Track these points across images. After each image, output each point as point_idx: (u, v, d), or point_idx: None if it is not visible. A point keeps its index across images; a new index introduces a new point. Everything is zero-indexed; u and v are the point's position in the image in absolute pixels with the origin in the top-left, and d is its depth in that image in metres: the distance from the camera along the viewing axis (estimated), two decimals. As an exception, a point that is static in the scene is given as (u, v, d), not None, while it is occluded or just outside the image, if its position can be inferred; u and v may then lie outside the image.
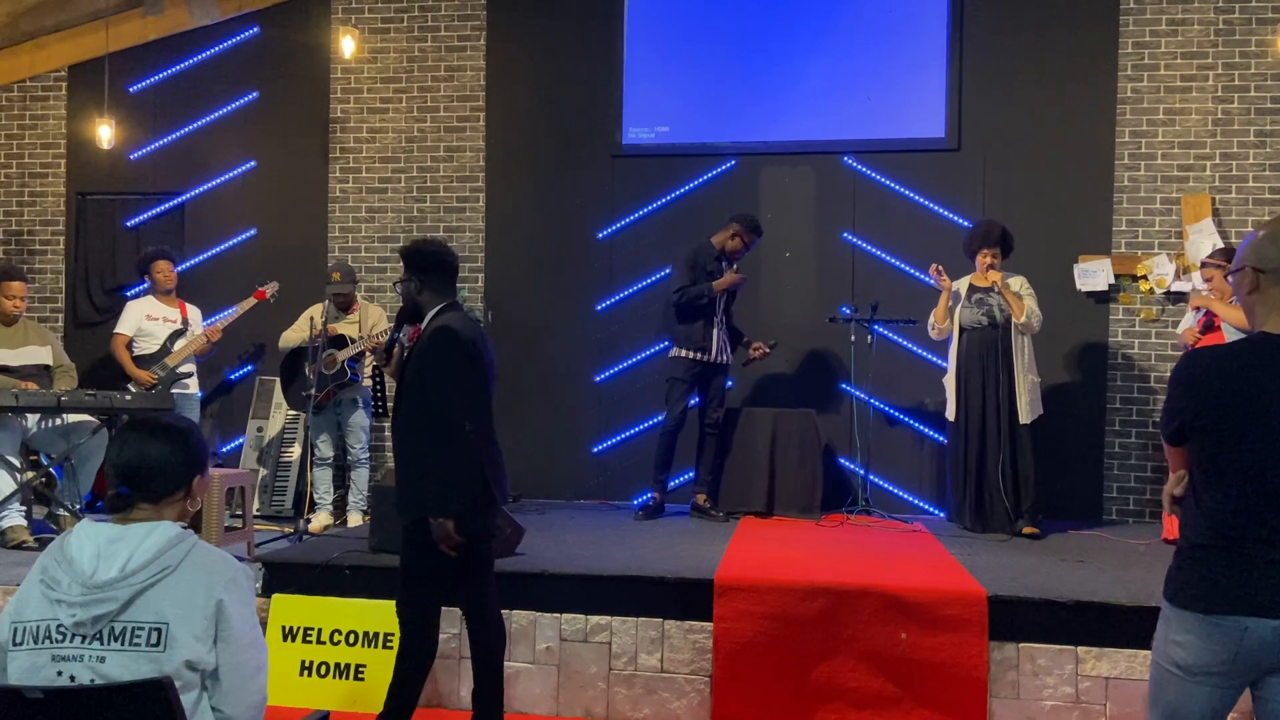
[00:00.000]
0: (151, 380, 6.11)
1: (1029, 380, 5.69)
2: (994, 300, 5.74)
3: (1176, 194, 6.58)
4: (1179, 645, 2.28)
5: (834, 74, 6.99)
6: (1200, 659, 2.24)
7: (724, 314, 6.21)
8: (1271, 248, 2.33)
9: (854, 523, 5.92)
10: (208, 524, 5.04)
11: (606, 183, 7.18)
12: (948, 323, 5.88)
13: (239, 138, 7.57)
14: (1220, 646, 2.21)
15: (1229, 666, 2.22)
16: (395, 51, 7.44)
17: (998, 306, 5.73)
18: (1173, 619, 2.32)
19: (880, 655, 4.00)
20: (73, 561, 2.03)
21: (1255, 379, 2.24)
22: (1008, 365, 5.69)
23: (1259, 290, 2.34)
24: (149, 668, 1.97)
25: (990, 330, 5.73)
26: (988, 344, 5.74)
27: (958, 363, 5.85)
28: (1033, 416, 5.68)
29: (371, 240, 7.42)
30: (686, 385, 6.15)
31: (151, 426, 2.22)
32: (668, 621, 4.17)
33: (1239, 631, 2.19)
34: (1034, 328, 5.70)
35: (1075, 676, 3.91)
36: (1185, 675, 2.27)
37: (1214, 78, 6.58)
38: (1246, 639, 2.18)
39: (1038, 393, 5.77)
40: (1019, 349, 5.69)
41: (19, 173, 7.85)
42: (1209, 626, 2.22)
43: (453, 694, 4.25)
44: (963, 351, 5.83)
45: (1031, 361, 5.75)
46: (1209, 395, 2.28)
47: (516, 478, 7.06)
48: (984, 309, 5.76)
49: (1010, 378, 5.68)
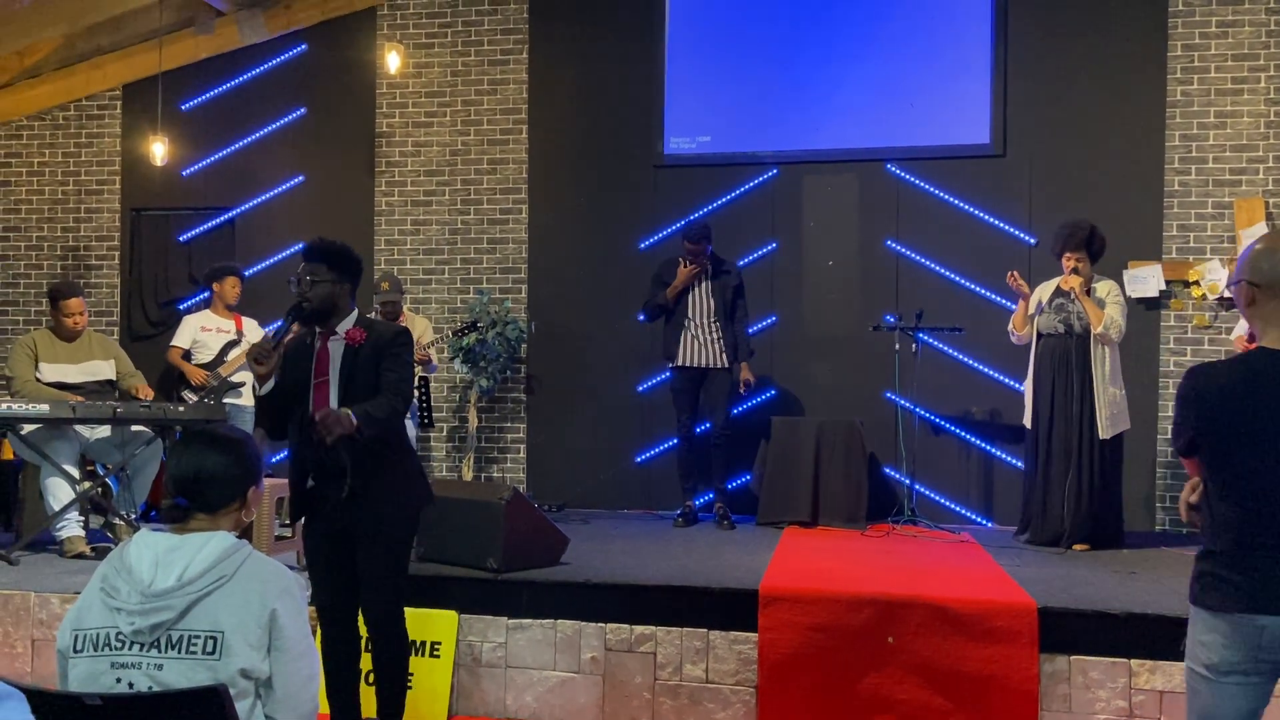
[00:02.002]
0: (204, 377, 6.23)
1: (1110, 393, 5.40)
2: (1074, 307, 5.45)
3: (1229, 198, 6.46)
4: (1204, 645, 2.38)
5: (876, 81, 6.96)
6: (1225, 657, 2.34)
7: (709, 320, 6.13)
8: (1267, 261, 2.37)
9: (900, 533, 5.87)
10: (258, 533, 5.11)
11: (648, 193, 7.20)
12: (1026, 329, 5.66)
13: (287, 153, 7.70)
14: (1241, 644, 2.32)
15: (1252, 664, 2.32)
16: (439, 66, 7.53)
17: (1076, 314, 5.45)
18: (1197, 620, 2.42)
19: (929, 667, 3.95)
20: (132, 570, 2.08)
21: (1254, 394, 2.32)
22: (1086, 376, 5.41)
23: (1255, 304, 2.40)
24: (205, 675, 2.01)
25: (1067, 338, 5.47)
26: (1064, 353, 5.47)
27: (1035, 370, 5.62)
28: (1114, 431, 5.39)
29: (416, 252, 7.50)
30: (676, 394, 6.23)
31: (209, 438, 2.26)
32: (713, 632, 4.16)
33: (1256, 630, 2.30)
34: (1112, 338, 5.40)
35: (1129, 690, 3.84)
36: (1214, 675, 2.36)
37: (1265, 79, 6.46)
38: (1265, 637, 2.29)
39: (1122, 406, 5.48)
40: (1098, 359, 5.40)
41: (75, 190, 8.05)
42: (1228, 625, 2.33)
43: (499, 702, 4.27)
44: (1040, 359, 5.59)
45: (1114, 373, 5.45)
46: (1210, 410, 2.37)
47: (560, 487, 7.14)
48: (1062, 315, 5.49)
49: (1089, 389, 5.40)
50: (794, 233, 7.02)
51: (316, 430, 3.25)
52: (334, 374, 3.44)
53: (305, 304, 3.44)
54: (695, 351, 6.14)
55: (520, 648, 4.27)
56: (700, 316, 6.14)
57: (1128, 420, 5.55)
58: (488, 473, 7.36)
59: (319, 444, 3.28)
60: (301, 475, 3.47)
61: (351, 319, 3.52)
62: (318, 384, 3.44)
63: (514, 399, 7.37)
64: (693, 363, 6.15)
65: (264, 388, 3.40)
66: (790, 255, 7.02)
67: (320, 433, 3.25)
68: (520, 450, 7.36)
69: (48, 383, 5.54)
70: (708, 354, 6.14)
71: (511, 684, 4.27)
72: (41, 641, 4.47)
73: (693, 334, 6.14)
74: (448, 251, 7.49)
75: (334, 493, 3.38)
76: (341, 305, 3.50)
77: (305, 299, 3.44)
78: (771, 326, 6.96)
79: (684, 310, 6.15)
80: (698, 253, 6.08)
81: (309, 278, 3.46)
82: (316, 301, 3.45)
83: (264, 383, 3.39)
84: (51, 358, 5.61)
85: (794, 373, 6.97)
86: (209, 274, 6.64)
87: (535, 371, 7.35)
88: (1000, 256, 6.62)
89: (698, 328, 6.14)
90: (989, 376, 6.67)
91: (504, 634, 4.28)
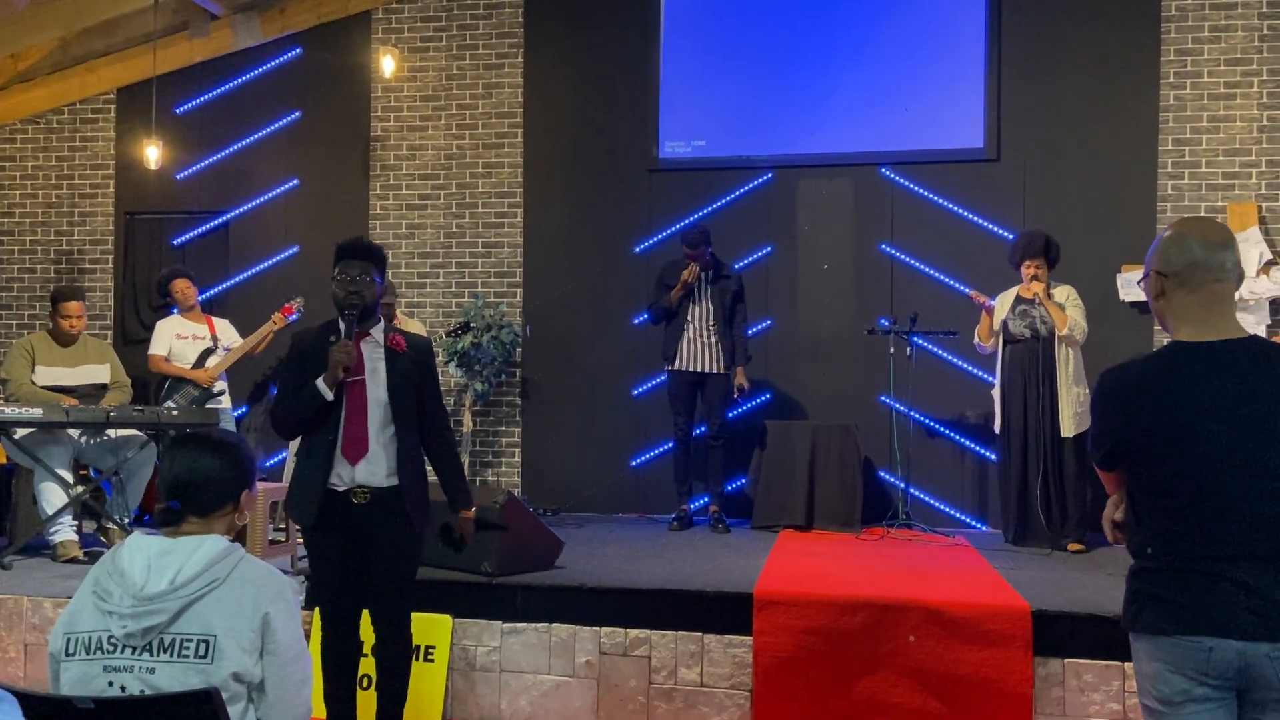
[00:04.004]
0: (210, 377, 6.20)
1: (1074, 393, 5.59)
2: (1037, 312, 5.66)
3: (1222, 202, 6.48)
4: (1150, 677, 2.12)
5: (871, 85, 6.98)
6: (1176, 686, 2.07)
7: (709, 324, 6.15)
8: (1174, 249, 2.22)
9: (895, 536, 5.88)
10: (251, 537, 5.10)
11: (643, 197, 7.21)
12: (992, 340, 5.83)
13: (282, 157, 7.70)
14: (1189, 668, 2.06)
15: (1206, 690, 2.05)
16: (434, 70, 7.53)
17: (1040, 319, 5.65)
18: (1138, 649, 2.17)
19: (923, 671, 3.96)
20: (124, 574, 2.07)
21: (1176, 392, 2.11)
22: (1051, 378, 5.61)
23: (1165, 296, 2.22)
24: (197, 679, 2.00)
25: (1034, 343, 5.66)
26: (1031, 356, 5.65)
27: (1003, 375, 5.79)
28: (1077, 430, 5.56)
29: (411, 256, 7.50)
30: (673, 397, 6.24)
31: (202, 441, 2.25)
32: (707, 635, 4.15)
33: (1203, 652, 2.04)
34: (1077, 340, 5.61)
35: (1122, 693, 3.84)
36: (1169, 709, 2.09)
37: (1258, 84, 6.48)
38: (1213, 660, 2.04)
39: (1086, 405, 5.60)
40: (1063, 361, 5.60)
41: (69, 194, 8.03)
42: (1171, 649, 2.08)
43: (493, 706, 4.27)
44: (1007, 364, 5.77)
45: (1078, 374, 5.64)
46: (1131, 414, 2.16)
47: (555, 491, 7.13)
48: (1028, 321, 5.69)
49: (1054, 390, 5.60)
50: (789, 237, 7.03)
51: (465, 538, 3.68)
52: (369, 375, 3.45)
53: (358, 302, 3.41)
54: (694, 355, 6.15)
55: (515, 652, 4.27)
56: (700, 320, 6.15)
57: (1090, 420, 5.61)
58: (482, 476, 7.35)
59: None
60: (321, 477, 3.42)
61: (383, 324, 3.55)
62: (351, 383, 3.42)
63: (509, 403, 7.36)
64: (691, 367, 6.15)
65: (332, 392, 3.38)
66: (785, 259, 7.03)
67: (467, 539, 3.69)
68: (515, 454, 7.35)
69: (44, 386, 5.54)
70: (706, 358, 6.15)
71: (506, 688, 4.26)
72: (34, 646, 4.46)
73: (692, 338, 6.15)
74: (442, 255, 7.48)
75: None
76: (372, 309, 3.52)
77: (359, 296, 3.41)
78: (766, 330, 6.96)
79: (684, 314, 6.16)
80: (696, 257, 6.10)
81: (365, 275, 3.43)
82: (369, 299, 3.44)
83: (334, 387, 3.38)
84: (48, 361, 5.61)
85: (789, 376, 6.97)
86: (157, 282, 6.64)
87: (530, 375, 7.34)
88: (994, 260, 6.62)
89: (697, 331, 6.15)
90: (983, 380, 6.67)
91: (498, 638, 4.27)
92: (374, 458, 3.40)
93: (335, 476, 3.41)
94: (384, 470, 3.42)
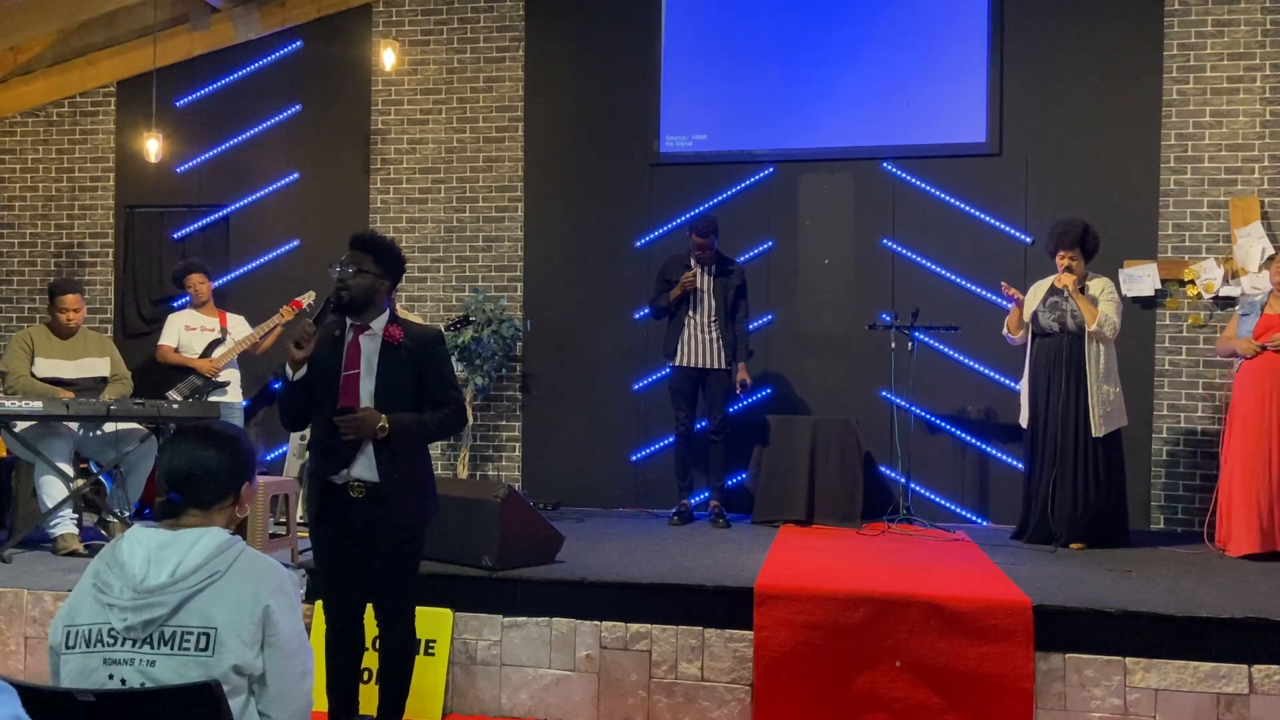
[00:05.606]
0: (213, 366, 6.22)
1: (1104, 391, 5.38)
2: (1068, 305, 5.44)
3: (1224, 197, 6.47)
4: None
5: (873, 79, 6.96)
6: None
7: (710, 320, 6.14)
8: None
9: (895, 531, 5.87)
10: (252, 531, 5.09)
11: (644, 192, 7.19)
12: (1021, 331, 5.67)
13: (282, 150, 7.68)
14: None
15: None
16: (435, 64, 7.51)
17: (1070, 313, 5.44)
18: None
19: (924, 665, 3.95)
20: (124, 566, 2.07)
21: None
22: (1080, 375, 5.40)
23: None
24: (198, 672, 2.00)
25: (1062, 337, 5.46)
26: (1058, 351, 5.45)
27: (1031, 370, 5.62)
28: (1107, 429, 5.37)
29: (412, 250, 7.48)
30: (674, 393, 6.23)
31: (202, 433, 2.25)
32: (708, 630, 4.15)
33: None
34: (1106, 335, 5.38)
35: (1124, 688, 3.84)
36: None
37: (1261, 79, 6.46)
38: None
39: (1117, 404, 5.46)
40: (1092, 358, 5.39)
41: (69, 186, 8.02)
42: None
43: (494, 700, 4.27)
44: (1035, 357, 5.59)
45: (1109, 371, 5.44)
46: None
47: (555, 486, 7.13)
48: (1057, 314, 5.48)
49: (1082, 388, 5.40)
50: (790, 231, 7.02)
51: (342, 425, 3.30)
52: (365, 368, 3.43)
53: (344, 292, 3.40)
54: (695, 351, 6.14)
55: (515, 646, 4.27)
56: (702, 316, 6.14)
57: (1124, 418, 5.54)
58: (483, 471, 7.35)
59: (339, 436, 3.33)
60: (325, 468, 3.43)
61: (385, 317, 3.50)
62: (347, 376, 3.43)
63: (509, 397, 7.36)
64: (692, 363, 6.14)
65: (297, 373, 3.38)
66: (786, 254, 7.01)
67: (343, 429, 3.30)
68: (516, 448, 7.35)
69: (43, 378, 5.53)
70: (707, 354, 6.14)
71: (506, 682, 4.26)
72: (35, 639, 4.46)
73: (693, 333, 6.13)
74: (443, 249, 7.47)
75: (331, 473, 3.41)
76: (378, 301, 3.48)
77: (345, 287, 3.40)
78: (767, 325, 6.95)
79: (686, 309, 6.14)
80: (705, 246, 6.10)
81: (353, 267, 3.42)
82: (356, 292, 3.41)
83: (298, 368, 3.38)
84: (48, 353, 5.61)
85: (790, 371, 6.96)
86: (174, 276, 6.65)
87: (530, 370, 7.34)
88: (996, 255, 6.63)
89: (698, 327, 6.14)
90: (984, 375, 6.68)
91: (499, 632, 4.27)
92: (367, 452, 3.39)
93: (333, 470, 3.41)
94: (378, 464, 3.39)
